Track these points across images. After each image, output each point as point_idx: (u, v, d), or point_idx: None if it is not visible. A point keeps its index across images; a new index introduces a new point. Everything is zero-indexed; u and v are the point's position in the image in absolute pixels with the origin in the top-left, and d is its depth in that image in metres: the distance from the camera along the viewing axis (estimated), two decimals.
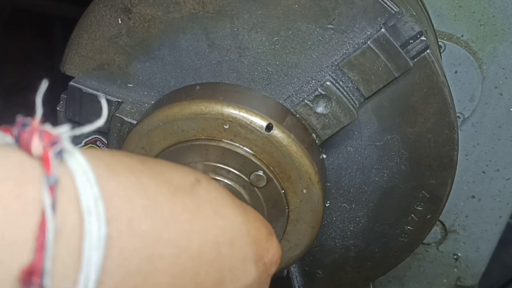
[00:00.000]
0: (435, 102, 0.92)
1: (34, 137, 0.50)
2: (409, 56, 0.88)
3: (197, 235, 0.61)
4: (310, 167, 0.90)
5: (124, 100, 1.00)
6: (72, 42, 0.99)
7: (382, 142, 0.98)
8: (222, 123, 0.88)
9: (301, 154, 0.89)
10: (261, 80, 0.94)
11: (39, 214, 0.47)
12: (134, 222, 0.54)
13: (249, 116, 0.88)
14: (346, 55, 0.89)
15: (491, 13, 1.29)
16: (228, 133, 0.89)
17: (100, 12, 0.95)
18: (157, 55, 0.96)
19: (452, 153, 0.97)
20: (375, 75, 0.89)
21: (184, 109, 0.90)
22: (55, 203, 0.48)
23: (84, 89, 1.00)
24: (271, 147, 0.89)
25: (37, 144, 0.49)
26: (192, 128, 0.89)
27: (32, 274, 0.45)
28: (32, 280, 0.45)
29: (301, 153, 0.89)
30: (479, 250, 1.59)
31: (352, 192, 1.04)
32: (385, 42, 0.87)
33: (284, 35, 0.90)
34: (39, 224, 0.47)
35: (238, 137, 0.89)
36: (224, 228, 0.66)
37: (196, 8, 0.91)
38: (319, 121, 0.93)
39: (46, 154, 0.49)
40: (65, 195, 0.49)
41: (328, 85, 0.90)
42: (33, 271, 0.45)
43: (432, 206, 1.02)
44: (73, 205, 0.50)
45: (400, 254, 1.10)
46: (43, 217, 0.47)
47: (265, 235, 0.73)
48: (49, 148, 0.50)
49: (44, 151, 0.50)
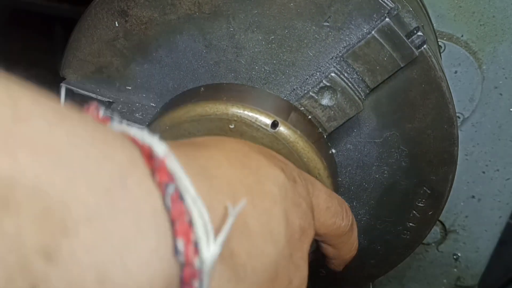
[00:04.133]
0: (434, 97, 0.92)
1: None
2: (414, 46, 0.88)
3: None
4: (318, 162, 0.90)
5: (115, 100, 1.00)
6: (70, 46, 0.99)
7: (382, 139, 0.97)
8: (227, 123, 0.88)
9: (308, 150, 0.89)
10: (259, 79, 0.94)
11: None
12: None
13: (254, 114, 0.88)
14: (344, 51, 0.89)
15: (491, 13, 1.29)
16: (234, 133, 0.89)
17: (97, 15, 0.95)
18: (155, 57, 0.96)
19: (452, 148, 0.96)
20: (380, 65, 0.88)
21: (189, 111, 0.90)
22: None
23: (75, 90, 1.00)
24: (278, 144, 0.89)
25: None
26: (198, 130, 0.90)
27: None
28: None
29: (308, 148, 0.89)
30: (479, 250, 1.59)
31: (352, 190, 1.04)
32: (390, 31, 0.86)
33: (280, 34, 0.90)
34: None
35: (244, 136, 0.89)
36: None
37: (192, 9, 0.91)
38: (324, 114, 0.92)
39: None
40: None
41: (333, 77, 0.90)
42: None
43: (433, 202, 1.02)
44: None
45: (403, 251, 1.09)
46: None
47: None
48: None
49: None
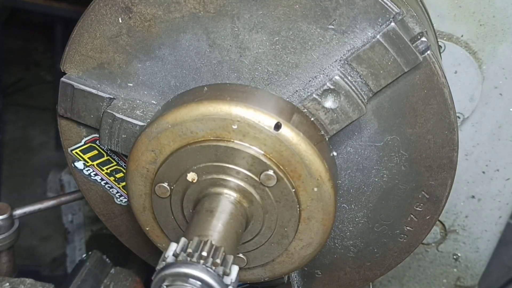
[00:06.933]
0: (435, 103, 0.92)
1: None
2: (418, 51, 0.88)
3: None
4: (320, 165, 0.90)
5: (116, 97, 1.00)
6: (73, 41, 0.99)
7: (382, 143, 0.98)
8: (230, 123, 0.88)
9: (310, 152, 0.89)
10: (262, 80, 0.94)
11: None
12: None
13: (257, 115, 0.88)
14: (348, 54, 0.89)
15: (491, 13, 1.29)
16: (237, 133, 0.89)
17: (100, 11, 0.95)
18: (158, 55, 0.96)
19: (452, 154, 0.97)
20: (384, 69, 0.88)
21: (192, 110, 0.90)
22: None
23: (76, 85, 1.00)
24: (280, 146, 0.89)
25: None
26: (200, 130, 0.90)
27: None
28: None
29: (310, 151, 0.89)
30: (479, 250, 1.60)
31: (351, 193, 1.04)
32: (395, 36, 0.86)
33: (284, 36, 0.90)
34: None
35: (247, 137, 0.89)
36: None
37: (197, 7, 0.91)
38: (327, 116, 0.92)
39: None
40: None
41: (337, 80, 0.90)
42: None
43: (431, 206, 1.02)
44: None
45: (399, 255, 1.10)
46: None
47: None
48: None
49: None
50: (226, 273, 0.79)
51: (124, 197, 1.16)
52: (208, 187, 0.92)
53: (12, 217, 1.48)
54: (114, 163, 1.12)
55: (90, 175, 1.14)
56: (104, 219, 1.21)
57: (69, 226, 2.51)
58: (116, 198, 1.17)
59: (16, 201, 1.76)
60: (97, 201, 1.18)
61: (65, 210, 2.47)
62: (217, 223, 0.88)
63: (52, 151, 4.03)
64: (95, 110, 1.01)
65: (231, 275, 0.79)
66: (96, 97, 1.00)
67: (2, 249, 1.47)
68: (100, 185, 1.16)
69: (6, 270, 1.51)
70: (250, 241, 0.97)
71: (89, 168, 1.13)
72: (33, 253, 3.37)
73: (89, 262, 1.48)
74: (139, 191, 0.98)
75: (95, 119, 1.01)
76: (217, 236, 0.85)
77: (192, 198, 0.94)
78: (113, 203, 1.18)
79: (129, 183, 0.98)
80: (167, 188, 0.94)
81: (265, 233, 0.96)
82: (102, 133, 1.01)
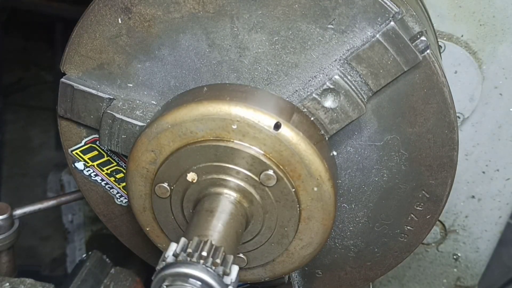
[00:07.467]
0: (435, 102, 0.92)
1: None
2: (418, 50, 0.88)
3: None
4: (320, 164, 0.90)
5: (116, 97, 1.00)
6: (72, 41, 0.99)
7: (382, 142, 0.98)
8: (230, 123, 0.88)
9: (310, 152, 0.89)
10: (261, 80, 0.94)
11: None
12: None
13: (257, 115, 0.88)
14: (347, 54, 0.89)
15: (491, 13, 1.29)
16: (237, 133, 0.89)
17: (100, 11, 0.95)
18: (157, 55, 0.96)
19: (452, 153, 0.97)
20: (384, 69, 0.88)
21: (192, 110, 0.90)
22: None
23: (75, 86, 1.00)
24: (280, 145, 0.89)
25: None
26: (200, 130, 0.90)
27: None
28: None
29: (310, 150, 0.89)
30: (479, 250, 1.60)
31: (352, 192, 1.04)
32: (394, 35, 0.86)
33: (284, 35, 0.90)
34: None
35: (247, 137, 0.89)
36: None
37: (196, 8, 0.91)
38: (327, 116, 0.92)
39: None
40: None
41: (337, 79, 0.90)
42: None
43: (432, 206, 1.02)
44: None
45: (399, 254, 1.10)
46: None
47: None
48: None
49: None
50: (226, 273, 0.79)
51: (125, 197, 1.16)
52: (208, 187, 0.92)
53: (12, 217, 1.48)
54: (114, 163, 1.13)
55: (91, 176, 1.15)
56: (104, 220, 1.21)
57: (69, 226, 2.51)
58: (117, 198, 1.17)
59: (16, 201, 1.76)
60: (97, 201, 1.18)
61: (65, 210, 2.47)
62: (217, 223, 0.88)
63: (52, 151, 4.03)
64: (95, 110, 1.01)
65: (231, 275, 0.79)
66: (96, 98, 1.00)
67: (2, 249, 1.47)
68: (101, 186, 1.16)
69: (6, 270, 1.51)
70: (250, 241, 0.97)
71: (90, 168, 1.14)
72: (33, 253, 3.37)
73: (89, 262, 1.48)
74: (139, 192, 0.98)
75: (95, 119, 1.01)
76: (217, 236, 0.85)
77: (192, 198, 0.94)
78: (113, 203, 1.18)
79: (129, 184, 0.98)
80: (167, 188, 0.94)
81: (265, 233, 0.96)
82: (102, 133, 1.01)
